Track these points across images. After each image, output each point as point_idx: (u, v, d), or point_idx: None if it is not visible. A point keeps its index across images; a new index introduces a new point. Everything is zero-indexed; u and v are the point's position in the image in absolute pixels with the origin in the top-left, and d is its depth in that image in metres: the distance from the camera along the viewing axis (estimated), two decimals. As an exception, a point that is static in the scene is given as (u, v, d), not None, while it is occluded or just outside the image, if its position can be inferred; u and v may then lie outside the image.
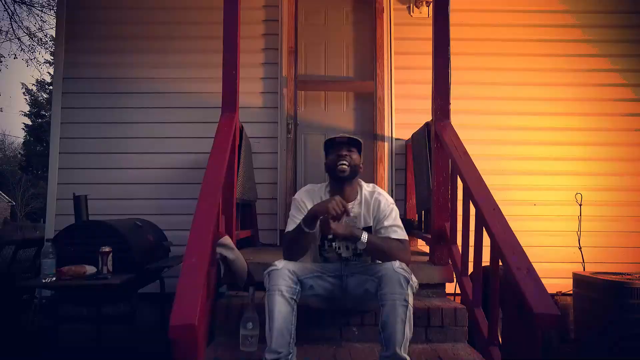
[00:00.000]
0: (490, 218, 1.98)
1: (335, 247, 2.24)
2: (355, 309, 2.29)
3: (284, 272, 1.99)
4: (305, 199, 2.23)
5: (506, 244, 1.84)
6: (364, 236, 2.05)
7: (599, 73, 4.07)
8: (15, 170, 26.88)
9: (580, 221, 3.84)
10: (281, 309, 1.93)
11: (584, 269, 3.66)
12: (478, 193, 2.18)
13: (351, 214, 2.12)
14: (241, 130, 3.06)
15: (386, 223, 2.17)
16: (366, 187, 2.27)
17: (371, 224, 2.20)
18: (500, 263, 1.92)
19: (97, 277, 2.58)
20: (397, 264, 1.98)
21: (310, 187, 2.32)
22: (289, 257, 2.12)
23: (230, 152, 2.53)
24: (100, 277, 2.57)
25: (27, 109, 25.06)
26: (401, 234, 2.17)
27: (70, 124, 3.96)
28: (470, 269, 2.42)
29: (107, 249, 2.61)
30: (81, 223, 2.99)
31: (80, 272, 2.57)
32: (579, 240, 3.81)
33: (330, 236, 2.18)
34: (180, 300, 1.62)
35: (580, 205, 3.85)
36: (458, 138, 2.59)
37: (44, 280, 2.52)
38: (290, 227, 2.18)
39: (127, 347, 2.87)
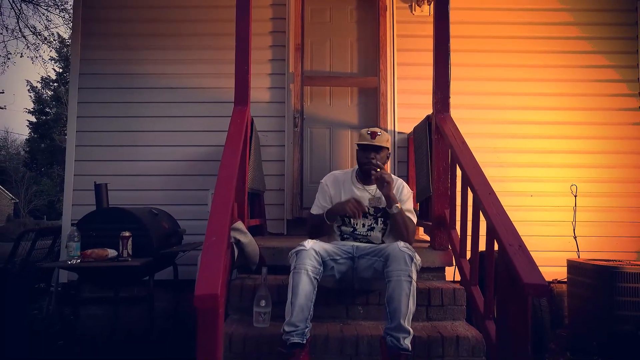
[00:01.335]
0: (486, 201, 2.13)
1: (353, 223, 2.46)
2: (362, 289, 2.44)
3: (311, 252, 2.17)
4: (330, 185, 2.54)
5: (500, 224, 1.99)
6: (398, 204, 2.35)
7: (595, 69, 4.17)
8: (18, 168, 27.02)
9: (575, 211, 3.96)
10: (305, 287, 2.10)
11: (579, 257, 3.78)
12: (475, 179, 2.32)
13: (369, 207, 2.44)
14: (252, 123, 3.17)
15: (405, 206, 2.44)
16: (391, 175, 2.49)
17: None
18: (496, 244, 2.06)
19: (118, 260, 2.73)
20: (401, 244, 2.18)
21: (338, 173, 2.60)
22: (311, 236, 2.40)
23: (243, 144, 2.64)
24: (122, 259, 2.72)
25: (31, 106, 25.26)
26: (414, 218, 2.49)
27: (86, 117, 4.08)
28: (468, 256, 2.57)
29: (127, 234, 2.76)
30: (102, 210, 3.13)
31: (103, 254, 2.71)
32: (574, 230, 3.94)
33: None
34: (203, 272, 1.73)
35: (576, 196, 3.97)
36: (457, 129, 2.73)
37: (69, 262, 2.66)
38: (314, 210, 2.51)
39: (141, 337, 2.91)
